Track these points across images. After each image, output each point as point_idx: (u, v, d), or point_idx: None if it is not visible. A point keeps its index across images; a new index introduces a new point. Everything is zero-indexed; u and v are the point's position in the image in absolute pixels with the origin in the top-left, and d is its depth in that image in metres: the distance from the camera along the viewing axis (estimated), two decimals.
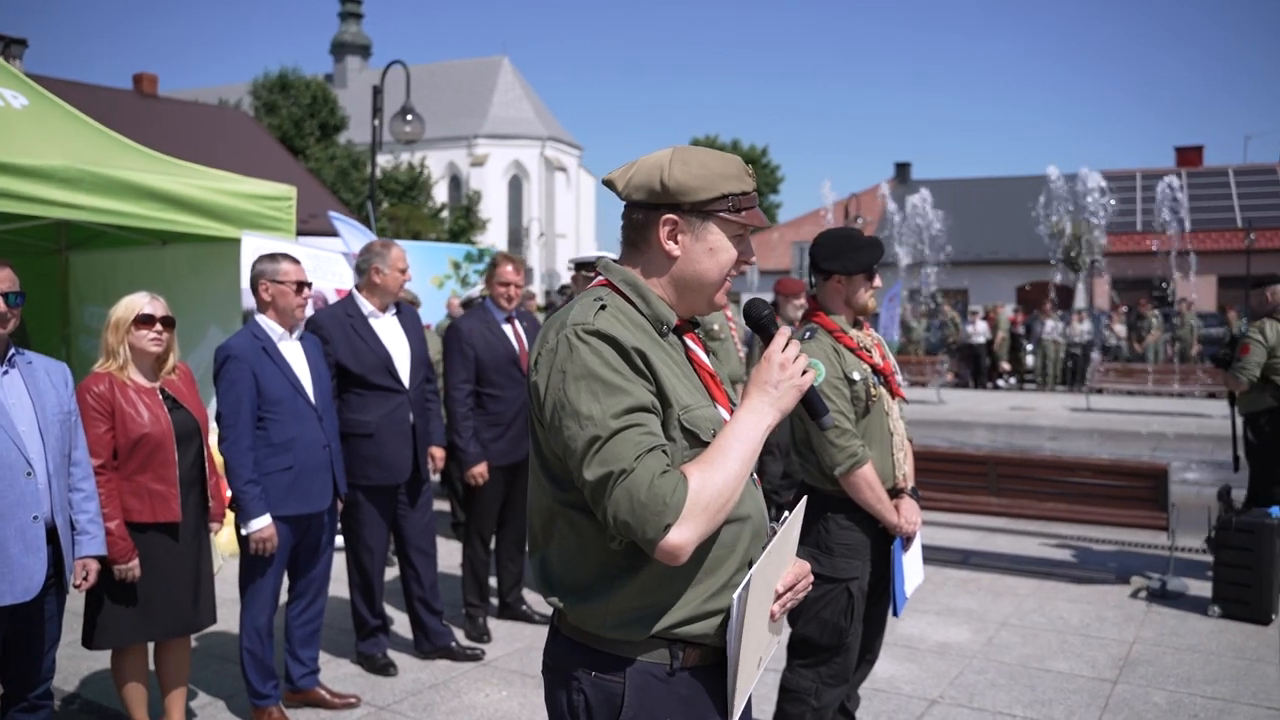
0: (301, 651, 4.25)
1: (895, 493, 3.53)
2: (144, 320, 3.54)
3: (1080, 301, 32.86)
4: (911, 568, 3.62)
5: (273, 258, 4.09)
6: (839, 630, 3.41)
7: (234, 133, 29.51)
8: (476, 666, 4.81)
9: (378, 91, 12.79)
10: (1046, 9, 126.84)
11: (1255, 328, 6.37)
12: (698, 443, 1.78)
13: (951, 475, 6.74)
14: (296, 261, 4.10)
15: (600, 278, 1.94)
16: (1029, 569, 6.69)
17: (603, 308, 1.80)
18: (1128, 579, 6.44)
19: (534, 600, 5.68)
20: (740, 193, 1.85)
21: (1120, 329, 21.53)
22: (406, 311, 4.74)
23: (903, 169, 43.51)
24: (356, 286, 4.62)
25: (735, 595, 1.77)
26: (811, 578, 1.99)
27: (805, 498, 2.01)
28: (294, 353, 4.05)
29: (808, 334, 3.45)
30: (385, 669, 4.66)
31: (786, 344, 1.85)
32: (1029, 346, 22.53)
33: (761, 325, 1.95)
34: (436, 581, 4.88)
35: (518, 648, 5.08)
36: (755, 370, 1.84)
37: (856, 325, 3.58)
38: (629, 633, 1.78)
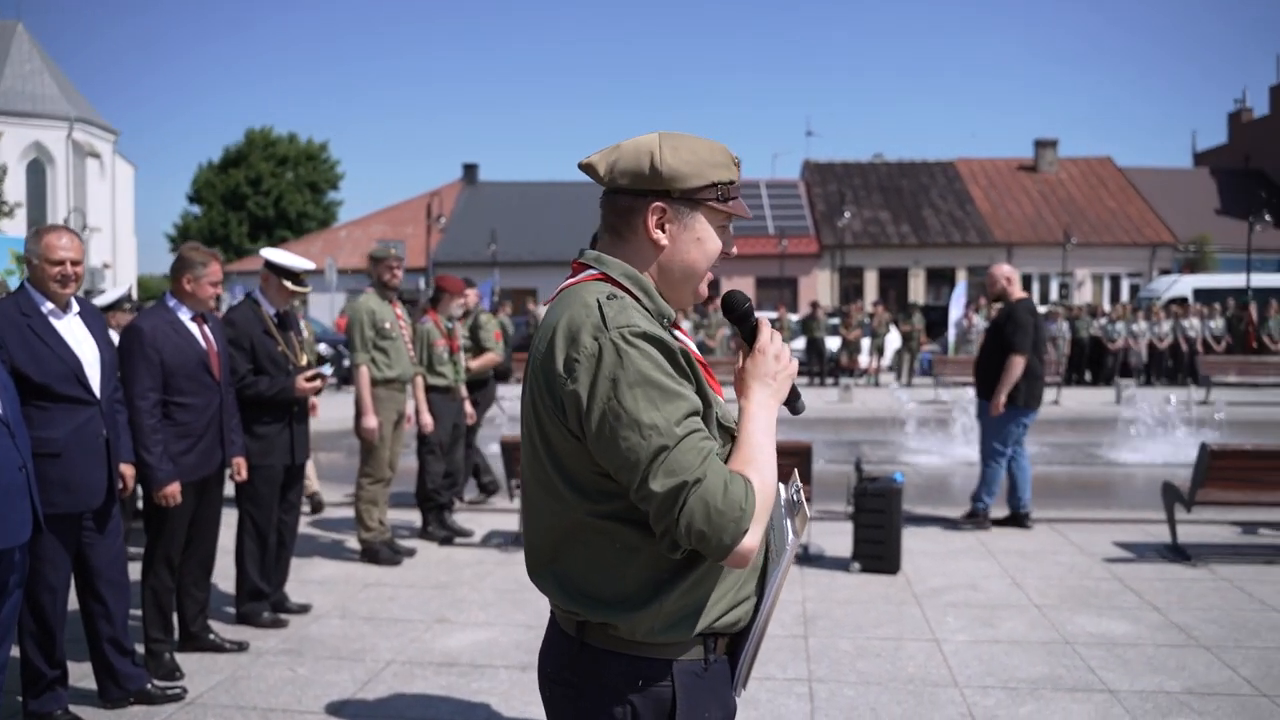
0: None
1: None
2: None
3: None
4: None
5: None
6: None
7: None
8: (181, 708, 4.28)
9: None
10: (604, 22, 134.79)
11: None
12: (729, 438, 1.80)
13: None
14: None
15: (592, 270, 1.85)
16: None
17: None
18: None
19: (219, 627, 5.15)
20: (728, 181, 1.84)
21: (686, 325, 23.47)
22: (89, 309, 4.10)
23: (470, 170, 44.13)
24: (30, 280, 3.92)
25: (774, 575, 1.82)
26: None
27: (795, 471, 2.07)
28: None
29: None
30: None
31: (770, 336, 1.89)
32: None
33: (743, 318, 1.94)
34: (128, 617, 4.27)
35: (220, 680, 4.59)
36: (751, 364, 1.85)
37: None
38: (676, 634, 1.75)
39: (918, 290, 38.45)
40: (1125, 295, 36.43)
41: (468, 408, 7.69)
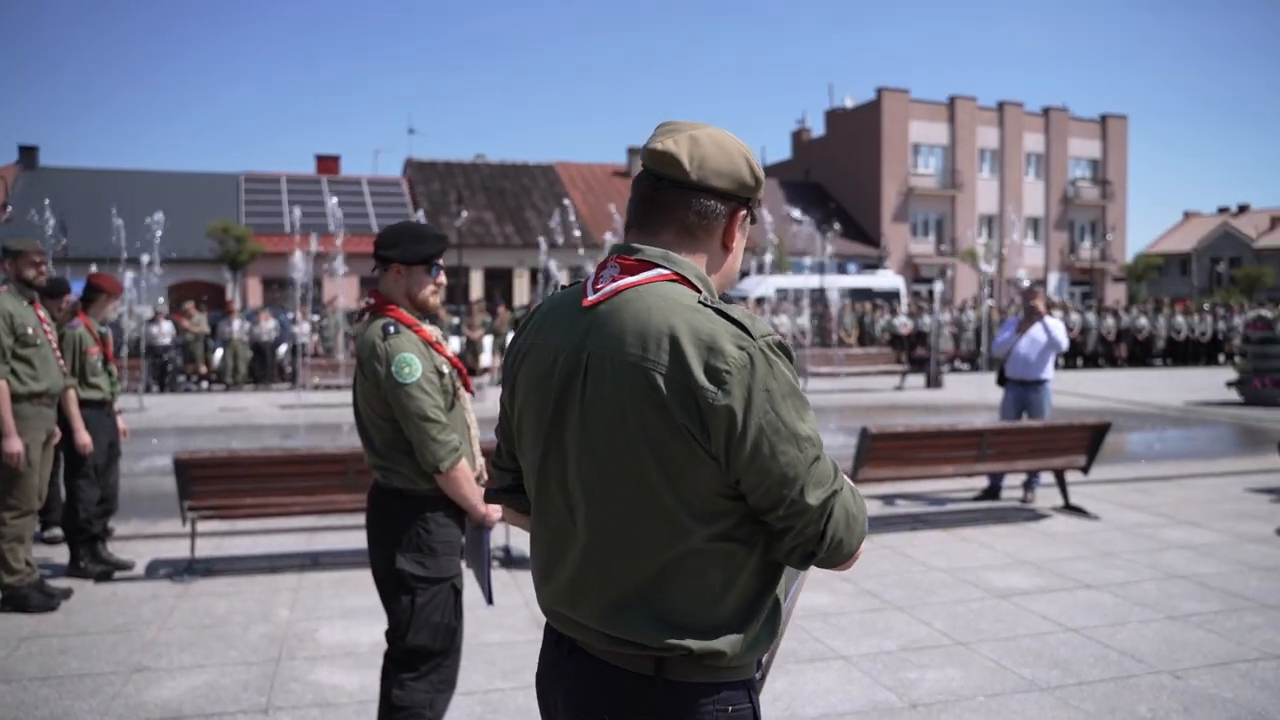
0: None
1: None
2: None
3: (237, 301, 33.14)
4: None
5: None
6: (451, 631, 3.36)
7: None
8: None
9: None
10: (183, 4, 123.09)
11: None
12: None
13: (308, 476, 6.52)
14: None
15: (662, 270, 1.66)
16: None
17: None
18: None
19: None
20: None
21: (305, 328, 22.22)
22: None
23: (29, 152, 38.89)
24: None
25: (797, 578, 1.80)
26: None
27: None
28: None
29: (391, 329, 3.27)
30: None
31: None
32: (215, 345, 22.12)
33: None
34: None
35: None
36: None
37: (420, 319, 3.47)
38: (756, 652, 1.68)
39: (523, 290, 39.38)
40: None
41: (121, 423, 6.77)
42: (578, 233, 30.22)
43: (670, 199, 1.69)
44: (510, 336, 19.74)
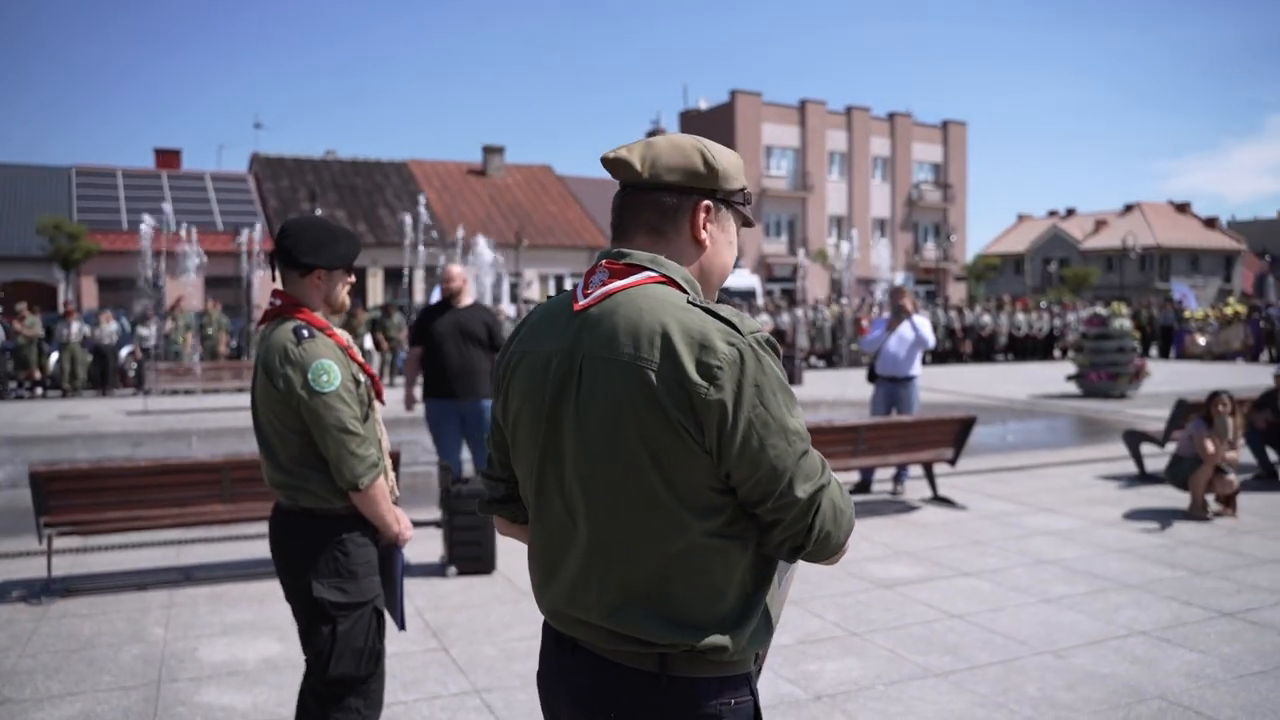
0: None
1: None
2: None
3: (72, 301, 31.34)
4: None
5: None
6: (375, 655, 3.19)
7: None
8: None
9: None
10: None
11: None
12: None
13: (180, 487, 6.20)
14: None
15: (650, 273, 1.69)
16: (262, 572, 6.54)
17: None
18: None
19: None
20: (747, 186, 1.85)
21: (153, 330, 21.12)
22: None
23: None
24: None
25: (792, 566, 1.82)
26: None
27: None
28: None
29: (305, 333, 3.09)
30: None
31: None
32: (50, 349, 20.80)
33: None
34: None
35: None
36: None
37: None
38: (758, 644, 1.70)
39: (377, 290, 38.45)
40: None
41: None
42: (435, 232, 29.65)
43: (634, 202, 1.75)
44: (368, 338, 19.17)
